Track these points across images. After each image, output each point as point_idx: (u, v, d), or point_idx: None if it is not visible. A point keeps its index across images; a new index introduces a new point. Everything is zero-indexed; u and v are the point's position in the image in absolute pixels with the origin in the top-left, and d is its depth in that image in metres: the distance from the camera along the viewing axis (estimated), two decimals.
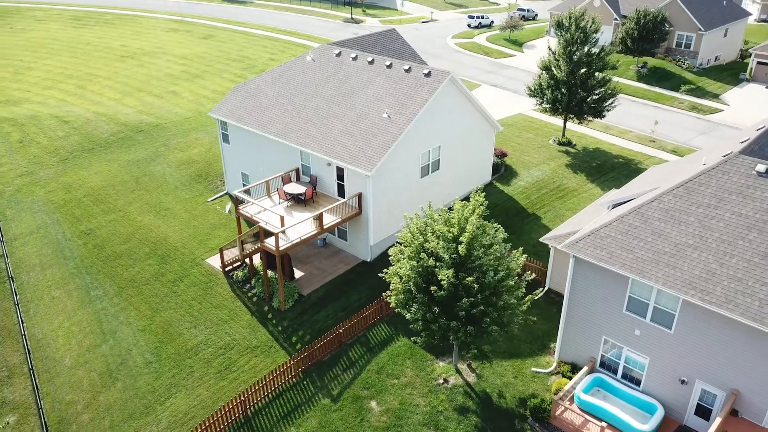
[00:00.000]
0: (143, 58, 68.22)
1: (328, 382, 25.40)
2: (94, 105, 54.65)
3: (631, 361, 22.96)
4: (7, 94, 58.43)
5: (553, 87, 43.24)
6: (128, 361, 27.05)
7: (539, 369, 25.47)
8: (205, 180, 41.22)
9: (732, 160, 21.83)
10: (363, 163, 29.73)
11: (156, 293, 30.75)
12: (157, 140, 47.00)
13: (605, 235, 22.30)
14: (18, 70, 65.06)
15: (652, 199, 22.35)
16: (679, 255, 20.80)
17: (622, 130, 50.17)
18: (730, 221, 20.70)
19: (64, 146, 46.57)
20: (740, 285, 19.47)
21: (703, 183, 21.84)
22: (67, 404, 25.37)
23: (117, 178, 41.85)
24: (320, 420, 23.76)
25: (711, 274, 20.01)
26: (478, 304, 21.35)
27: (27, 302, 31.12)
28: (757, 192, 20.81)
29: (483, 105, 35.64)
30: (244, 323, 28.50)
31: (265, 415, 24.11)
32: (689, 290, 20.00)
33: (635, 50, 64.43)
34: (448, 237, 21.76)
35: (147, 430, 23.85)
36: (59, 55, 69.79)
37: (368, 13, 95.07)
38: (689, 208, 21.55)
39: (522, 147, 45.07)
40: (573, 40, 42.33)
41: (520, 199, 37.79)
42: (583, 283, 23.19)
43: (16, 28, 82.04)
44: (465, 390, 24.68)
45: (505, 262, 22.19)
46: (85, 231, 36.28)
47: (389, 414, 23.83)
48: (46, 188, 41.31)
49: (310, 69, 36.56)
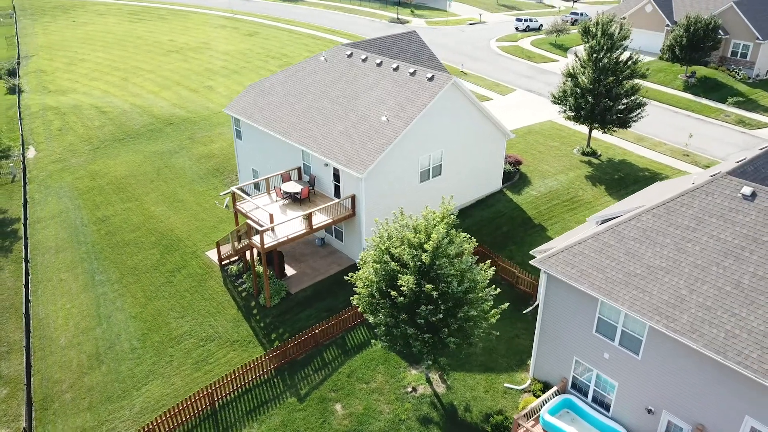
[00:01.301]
0: (188, 53, 70.52)
1: (299, 381, 25.57)
2: (134, 97, 56.95)
3: (601, 384, 22.00)
4: (58, 83, 61.70)
5: (577, 95, 41.85)
6: (116, 346, 28.09)
7: (512, 385, 24.78)
8: (222, 174, 42.24)
9: (718, 181, 20.54)
10: (356, 165, 29.72)
11: (153, 282, 31.79)
12: (184, 133, 48.52)
13: (578, 252, 21.44)
14: (72, 61, 68.57)
15: (631, 217, 21.32)
16: (650, 278, 19.76)
17: (656, 142, 48.04)
18: (706, 245, 19.49)
19: (98, 135, 48.77)
20: (708, 314, 18.30)
21: (685, 203, 20.65)
22: (54, 382, 26.59)
23: (140, 169, 43.49)
24: (284, 418, 23.95)
25: (680, 301, 18.91)
26: (438, 314, 20.96)
27: (37, 283, 32.81)
28: (738, 216, 19.49)
29: (490, 111, 34.86)
30: (230, 317, 29.06)
31: (232, 408, 24.52)
32: (654, 316, 18.97)
33: (683, 59, 61.45)
34: (414, 243, 21.46)
35: (120, 413, 24.71)
36: (111, 48, 73.09)
37: (416, 14, 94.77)
38: (667, 229, 20.42)
39: (542, 155, 43.87)
40: (599, 46, 40.84)
41: (528, 208, 36.80)
42: (555, 300, 22.41)
43: (78, 22, 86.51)
44: (432, 400, 24.31)
45: (470, 274, 21.66)
46: (101, 218, 37.91)
47: (352, 418, 23.76)
48: (75, 175, 43.40)
49: (322, 69, 36.83)
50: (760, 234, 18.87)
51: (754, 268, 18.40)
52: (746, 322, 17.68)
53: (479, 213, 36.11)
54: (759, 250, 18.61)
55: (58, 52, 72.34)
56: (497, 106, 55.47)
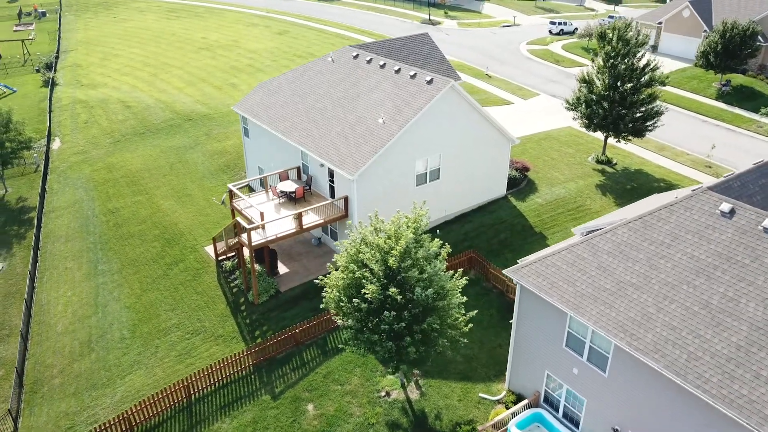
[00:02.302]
0: (217, 50, 71.92)
1: (275, 379, 25.78)
2: (159, 93, 58.45)
3: (571, 400, 21.44)
4: (91, 78, 63.86)
5: (591, 101, 40.82)
6: (107, 335, 28.90)
7: (487, 395, 24.38)
8: (232, 171, 42.95)
9: (698, 196, 19.73)
10: (349, 166, 29.76)
11: (150, 274, 32.57)
12: (202, 129, 49.52)
13: (551, 264, 20.94)
14: (107, 56, 70.86)
15: (607, 230, 20.69)
16: (619, 294, 19.14)
17: (678, 152, 46.45)
18: (679, 263, 18.75)
19: (120, 129, 50.26)
20: (673, 334, 17.61)
21: (662, 218, 19.91)
22: (46, 367, 27.56)
23: (154, 163, 44.62)
24: (255, 415, 24.20)
25: (646, 319, 18.25)
26: (402, 321, 20.77)
27: (44, 270, 34.06)
28: (715, 233, 18.68)
29: (493, 117, 34.36)
30: (218, 312, 29.53)
31: (207, 402, 24.91)
32: (619, 333, 18.37)
33: (717, 66, 59.15)
34: (383, 248, 21.33)
35: (101, 400, 25.43)
36: (146, 44, 75.19)
37: (449, 15, 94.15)
38: (641, 244, 19.74)
39: (555, 162, 42.99)
40: (615, 52, 39.75)
41: (530, 216, 36.13)
42: (528, 311, 21.96)
43: (118, 18, 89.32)
44: (404, 406, 24.14)
45: (439, 280, 21.35)
46: (111, 209, 39.06)
47: (322, 419, 23.82)
48: (93, 167, 44.86)
49: (328, 70, 37.02)
50: (734, 253, 18.04)
51: (725, 288, 17.60)
52: (710, 344, 16.93)
53: (479, 219, 35.65)
54: (731, 270, 17.80)
55: (95, 47, 74.87)
56: (517, 110, 54.67)
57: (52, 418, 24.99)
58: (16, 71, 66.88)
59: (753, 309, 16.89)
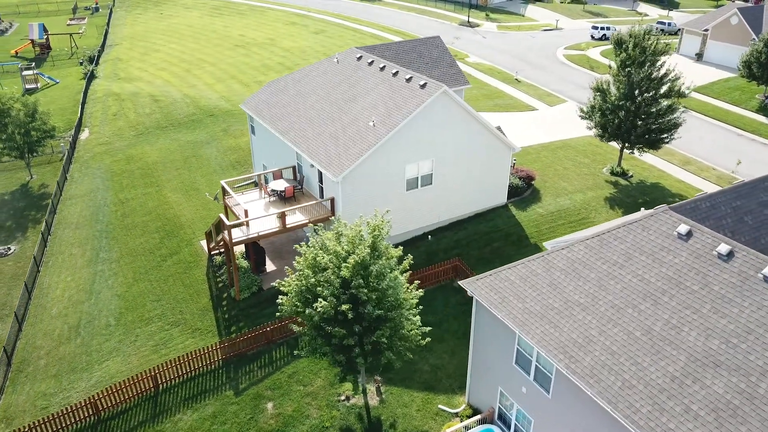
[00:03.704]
0: (252, 48, 73.34)
1: (242, 375, 26.13)
2: (189, 88, 60.11)
3: (521, 419, 20.82)
4: (129, 71, 66.31)
5: (605, 110, 39.44)
6: (95, 321, 29.99)
7: (446, 407, 23.96)
8: (242, 167, 43.74)
9: (657, 216, 18.78)
10: (335, 168, 29.81)
11: (145, 265, 33.57)
12: (221, 125, 50.65)
13: (504, 278, 20.39)
14: (147, 51, 73.41)
15: (563, 246, 19.97)
16: (565, 313, 18.45)
17: (704, 167, 44.33)
18: (629, 285, 17.90)
19: (144, 122, 52.00)
20: (611, 359, 16.84)
21: (619, 237, 19.07)
22: (35, 348, 28.86)
23: (170, 156, 45.94)
24: (216, 410, 24.60)
25: (587, 341, 17.52)
26: (353, 335, 20.56)
27: (51, 255, 35.65)
28: (668, 256, 17.74)
29: (490, 124, 33.67)
30: (200, 306, 30.15)
31: (173, 393, 25.50)
32: (559, 354, 17.70)
33: (761, 77, 56.03)
34: (341, 254, 21.19)
35: (77, 384, 26.42)
36: (186, 40, 77.45)
37: (490, 18, 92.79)
38: (594, 263, 18.96)
39: (566, 171, 41.76)
40: (631, 60, 38.26)
41: (528, 226, 35.24)
42: (482, 324, 21.45)
43: (165, 14, 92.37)
44: (361, 412, 24.02)
45: (393, 292, 21.02)
46: (122, 200, 40.48)
47: (279, 419, 23.99)
48: (114, 158, 46.60)
49: (332, 71, 37.18)
50: (684, 278, 17.09)
51: (669, 314, 16.69)
52: (646, 373, 16.09)
53: (474, 227, 35.03)
54: (679, 296, 16.87)
55: (138, 42, 77.68)
56: (539, 116, 53.44)
57: (31, 397, 26.15)
58: (63, 63, 70.14)
59: (694, 339, 15.96)
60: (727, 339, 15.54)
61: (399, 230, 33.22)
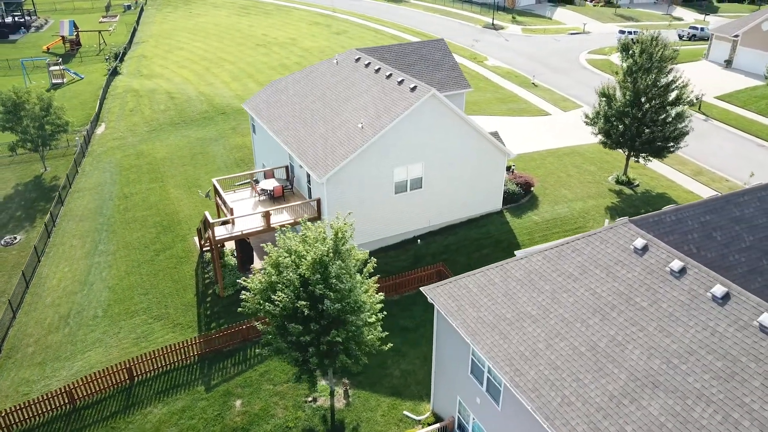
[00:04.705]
0: (273, 47, 74.12)
1: (215, 371, 26.43)
2: (206, 86, 61.13)
3: (477, 430, 20.50)
4: (151, 68, 67.81)
5: (611, 117, 38.52)
6: (84, 312, 30.76)
7: (411, 414, 23.77)
8: (245, 165, 44.26)
9: (617, 229, 18.25)
10: (320, 169, 29.90)
11: (138, 258, 34.27)
12: (230, 123, 51.36)
13: (463, 286, 20.12)
14: (171, 49, 74.94)
15: (522, 257, 19.59)
16: (516, 324, 18.09)
17: (717, 177, 42.90)
18: (580, 298, 17.44)
19: (158, 119, 53.12)
20: (554, 374, 16.44)
21: (577, 249, 18.59)
22: (25, 335, 29.77)
23: (178, 153, 46.80)
24: (186, 404, 24.94)
25: (534, 354, 17.14)
26: (309, 333, 20.59)
27: (53, 246, 36.72)
28: (622, 270, 17.22)
29: (483, 129, 33.23)
30: (185, 301, 30.62)
31: (147, 386, 25.95)
32: (505, 367, 17.37)
33: None
34: (300, 252, 21.26)
35: (59, 373, 27.15)
36: (210, 39, 78.77)
37: (517, 21, 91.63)
38: (551, 275, 18.53)
39: (569, 179, 40.95)
40: (638, 67, 37.28)
41: (521, 234, 34.68)
42: (442, 332, 21.21)
43: (194, 13, 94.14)
44: (325, 414, 24.03)
45: (353, 295, 20.95)
46: (126, 194, 41.43)
47: (245, 416, 24.18)
48: (124, 153, 47.72)
49: (330, 72, 37.29)
50: (634, 294, 16.56)
51: (616, 331, 16.20)
52: (586, 390, 15.65)
53: (465, 232, 34.66)
54: (627, 312, 16.35)
55: (165, 40, 79.36)
56: (552, 122, 52.54)
57: (15, 383, 26.98)
58: (90, 59, 72.17)
59: (636, 357, 15.44)
60: (668, 359, 14.99)
61: (387, 233, 33.17)
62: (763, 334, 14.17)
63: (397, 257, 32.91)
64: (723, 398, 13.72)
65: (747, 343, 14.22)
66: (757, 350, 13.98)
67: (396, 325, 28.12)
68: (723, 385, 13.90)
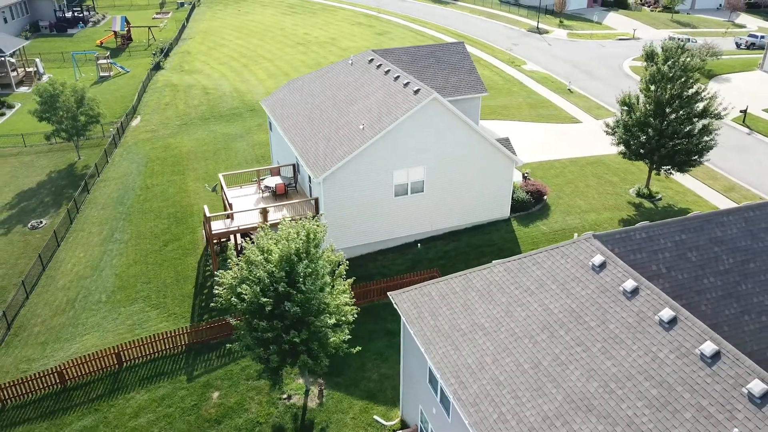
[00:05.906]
0: (312, 46, 75.03)
1: (199, 362, 27.03)
2: (241, 82, 62.50)
3: None
4: (192, 65, 69.87)
5: (631, 126, 37.08)
6: (89, 296, 32.04)
7: (381, 419, 23.63)
8: (265, 161, 44.97)
9: (579, 243, 17.57)
10: (318, 168, 30.10)
11: (147, 248, 35.41)
12: (257, 120, 52.30)
13: (426, 293, 19.84)
14: (214, 46, 76.97)
15: (485, 267, 19.14)
16: (469, 336, 17.70)
17: (750, 195, 40.67)
18: (533, 313, 16.90)
19: (190, 113, 54.68)
20: (495, 390, 15.99)
21: (538, 262, 18.01)
22: (34, 316, 31.28)
23: (203, 147, 48.05)
24: (167, 393, 25.61)
25: (480, 368, 16.73)
26: (272, 331, 20.78)
27: (73, 231, 38.41)
28: (577, 287, 16.57)
29: (488, 135, 32.60)
30: (183, 292, 31.43)
31: (134, 372, 26.80)
32: (451, 379, 17.02)
33: None
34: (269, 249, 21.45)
35: (55, 354, 28.40)
36: (252, 37, 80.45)
37: (564, 25, 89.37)
38: (508, 287, 18.04)
39: (587, 189, 39.69)
40: (661, 75, 35.73)
41: (525, 243, 33.85)
42: (406, 339, 20.96)
43: (242, 11, 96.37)
44: (297, 413, 24.18)
45: (318, 296, 20.98)
46: (148, 185, 42.87)
47: (219, 408, 24.62)
48: (153, 145, 49.38)
49: (344, 72, 37.46)
50: (585, 312, 15.90)
51: (560, 349, 15.61)
52: (522, 408, 15.15)
53: (468, 239, 34.12)
54: (575, 331, 15.73)
55: (210, 36, 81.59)
56: (581, 129, 51.08)
57: (16, 360, 28.40)
58: (138, 54, 74.95)
59: (576, 378, 14.83)
60: (606, 383, 14.32)
61: (387, 235, 33.05)
62: (703, 363, 13.34)
63: (394, 260, 32.75)
64: (652, 428, 13.00)
65: (685, 371, 13.42)
66: (694, 380, 13.17)
67: (382, 328, 28.05)
68: (654, 414, 13.17)
